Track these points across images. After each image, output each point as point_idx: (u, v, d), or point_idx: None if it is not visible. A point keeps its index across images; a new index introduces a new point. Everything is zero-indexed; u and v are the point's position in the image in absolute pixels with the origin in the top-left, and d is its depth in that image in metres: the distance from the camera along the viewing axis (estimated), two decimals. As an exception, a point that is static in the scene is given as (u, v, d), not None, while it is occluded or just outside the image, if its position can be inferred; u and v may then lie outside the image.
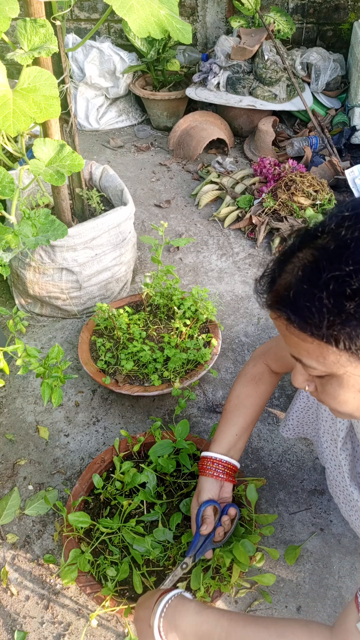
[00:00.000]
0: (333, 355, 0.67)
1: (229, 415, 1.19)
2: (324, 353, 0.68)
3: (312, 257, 0.67)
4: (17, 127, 1.28)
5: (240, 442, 1.18)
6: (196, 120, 3.11)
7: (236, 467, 1.18)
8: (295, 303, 0.67)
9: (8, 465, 1.57)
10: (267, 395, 1.21)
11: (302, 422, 1.30)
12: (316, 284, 0.65)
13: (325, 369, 0.70)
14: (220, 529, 1.13)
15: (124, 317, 1.78)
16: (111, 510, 1.32)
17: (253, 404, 1.19)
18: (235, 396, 1.21)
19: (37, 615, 1.26)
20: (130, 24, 1.26)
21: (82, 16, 3.56)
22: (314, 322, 0.65)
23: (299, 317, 0.67)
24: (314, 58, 3.07)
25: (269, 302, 0.73)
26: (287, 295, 0.68)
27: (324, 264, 0.65)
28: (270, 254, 2.31)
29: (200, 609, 0.86)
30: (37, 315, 2.05)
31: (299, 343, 0.70)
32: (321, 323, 0.65)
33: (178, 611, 0.86)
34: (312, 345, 0.68)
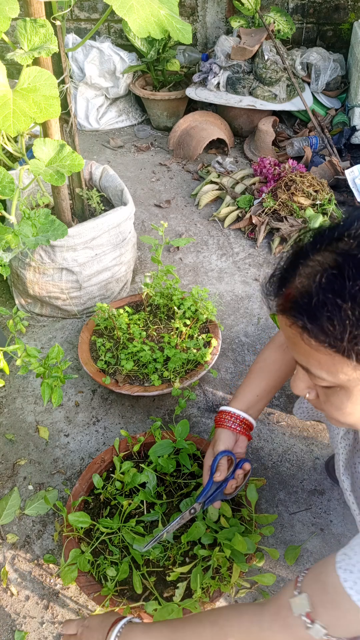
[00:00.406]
0: (348, 368, 0.65)
1: (253, 376, 1.18)
2: (337, 365, 0.65)
3: (334, 263, 0.63)
4: (17, 127, 1.28)
5: (260, 404, 1.17)
6: (196, 120, 3.11)
7: (252, 425, 1.17)
8: (314, 312, 0.63)
9: (8, 465, 1.57)
10: (293, 363, 1.19)
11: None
12: (340, 294, 0.61)
13: (335, 380, 0.68)
14: (232, 482, 1.13)
15: (124, 317, 1.78)
16: (111, 510, 1.32)
17: (278, 370, 1.18)
18: (263, 359, 1.19)
19: (37, 615, 1.26)
20: (130, 24, 1.26)
21: (82, 16, 3.56)
22: (334, 334, 0.62)
23: (317, 328, 0.63)
24: (314, 58, 3.07)
25: (281, 307, 0.69)
26: (306, 303, 0.64)
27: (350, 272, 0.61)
28: (270, 254, 2.31)
29: (146, 629, 0.89)
30: (37, 315, 2.05)
31: (311, 352, 0.67)
32: (342, 336, 0.61)
33: (128, 637, 0.89)
34: (325, 356, 0.65)
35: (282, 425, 1.63)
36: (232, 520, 1.23)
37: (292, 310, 0.66)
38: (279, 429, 1.62)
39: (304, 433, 1.60)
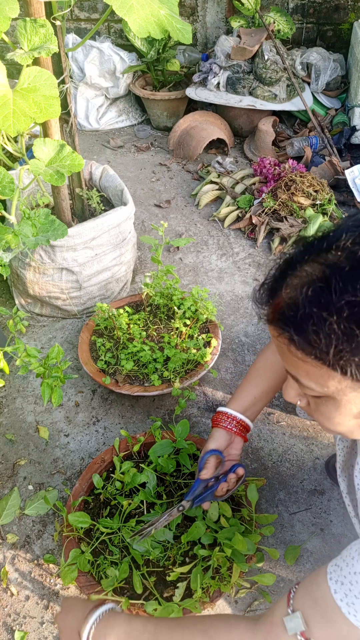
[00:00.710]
0: (335, 380, 0.64)
1: (253, 377, 1.18)
2: (325, 377, 0.65)
3: (321, 274, 0.62)
4: (17, 127, 1.28)
5: (257, 405, 1.17)
6: (196, 120, 3.11)
7: (249, 427, 1.17)
8: (300, 325, 0.63)
9: (8, 465, 1.57)
10: None
11: None
12: (327, 308, 0.60)
13: (324, 391, 0.68)
14: (224, 485, 1.13)
15: (124, 317, 1.78)
16: (111, 510, 1.32)
17: (277, 372, 1.18)
18: (262, 361, 1.19)
19: (37, 615, 1.26)
20: (130, 24, 1.26)
21: (82, 16, 3.56)
22: (320, 348, 0.62)
23: (303, 340, 0.63)
24: (314, 58, 3.07)
25: (270, 318, 0.69)
26: (293, 315, 0.64)
27: (337, 285, 0.60)
28: (270, 254, 2.31)
29: (128, 619, 0.88)
30: (37, 315, 2.05)
31: (299, 363, 0.67)
32: (328, 349, 0.61)
33: (109, 624, 0.88)
34: (313, 367, 0.65)
35: (282, 425, 1.63)
36: (232, 520, 1.23)
37: (279, 322, 0.66)
38: (279, 429, 1.62)
39: (304, 433, 1.60)
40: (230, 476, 1.14)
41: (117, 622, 0.87)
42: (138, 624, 0.86)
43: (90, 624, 0.88)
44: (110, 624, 0.87)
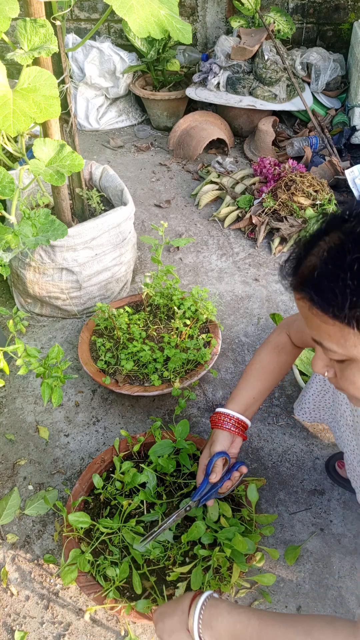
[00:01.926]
0: (354, 338, 0.68)
1: (249, 378, 1.21)
2: (345, 336, 0.68)
3: (338, 241, 0.68)
4: (17, 127, 1.28)
5: (255, 405, 1.20)
6: (196, 120, 3.11)
7: (248, 425, 1.20)
8: (318, 284, 0.68)
9: (8, 465, 1.57)
10: (287, 365, 1.23)
11: (319, 406, 1.31)
12: (340, 266, 0.65)
13: (346, 352, 0.71)
14: (228, 483, 1.14)
15: (124, 317, 1.77)
16: (111, 511, 1.32)
17: (273, 371, 1.21)
18: (258, 361, 1.22)
19: (37, 615, 1.26)
20: (130, 24, 1.26)
21: (82, 16, 3.56)
22: (336, 303, 0.66)
23: (321, 298, 0.67)
24: (314, 58, 3.07)
25: (293, 284, 0.74)
26: (311, 276, 0.69)
27: (349, 246, 0.65)
28: (270, 254, 2.31)
29: (231, 609, 0.88)
30: (37, 315, 2.05)
31: (321, 325, 0.71)
32: (343, 304, 0.65)
33: (213, 613, 0.88)
34: (333, 327, 0.69)
35: (282, 425, 1.63)
36: (232, 520, 1.23)
37: (301, 285, 0.71)
38: (279, 429, 1.62)
39: (304, 433, 1.60)
40: (234, 474, 1.15)
41: (221, 612, 0.88)
42: (242, 616, 0.86)
43: (196, 618, 0.88)
44: (214, 614, 0.88)
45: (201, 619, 0.89)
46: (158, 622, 0.96)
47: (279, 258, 2.30)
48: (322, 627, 0.80)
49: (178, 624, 0.92)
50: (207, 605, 0.90)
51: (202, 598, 0.91)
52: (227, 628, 0.86)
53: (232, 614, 0.87)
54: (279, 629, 0.83)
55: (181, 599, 0.96)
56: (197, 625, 0.88)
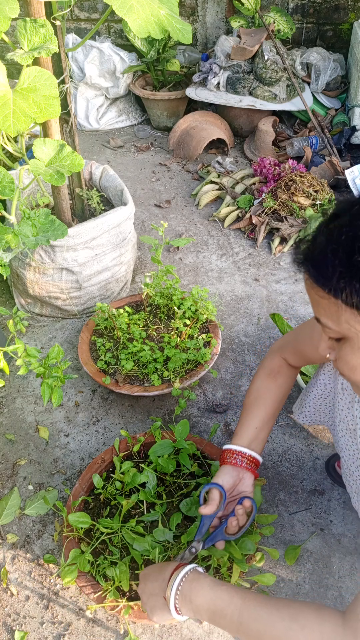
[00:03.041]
0: (345, 314, 0.70)
1: (249, 409, 1.19)
2: (337, 311, 0.71)
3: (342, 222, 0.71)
4: (17, 127, 1.28)
5: (261, 435, 1.16)
6: (196, 120, 3.11)
7: (258, 461, 1.15)
8: (314, 257, 0.71)
9: (8, 465, 1.57)
10: (286, 388, 1.21)
11: (319, 409, 1.30)
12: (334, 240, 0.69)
13: (339, 329, 0.73)
14: (233, 520, 1.07)
15: (124, 317, 1.78)
16: (111, 511, 1.32)
17: (272, 397, 1.19)
18: (255, 390, 1.21)
19: (37, 615, 1.26)
20: (130, 24, 1.26)
21: (82, 16, 3.56)
22: (327, 275, 0.69)
23: (316, 271, 0.71)
24: (314, 58, 3.07)
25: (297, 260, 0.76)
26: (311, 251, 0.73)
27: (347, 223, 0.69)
28: (270, 254, 2.31)
29: (214, 585, 0.87)
30: (37, 315, 2.05)
31: (318, 300, 0.74)
32: (333, 275, 0.68)
33: (193, 586, 0.87)
34: (328, 302, 0.72)
35: (282, 425, 1.63)
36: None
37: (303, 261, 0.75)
38: (279, 429, 1.62)
39: (304, 433, 1.60)
40: (237, 509, 1.08)
41: (203, 587, 0.87)
42: (224, 593, 0.85)
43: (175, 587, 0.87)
44: (195, 588, 0.87)
45: (179, 591, 0.88)
46: (141, 581, 0.97)
47: (279, 258, 2.30)
48: (308, 614, 0.78)
49: (158, 589, 0.92)
50: (189, 578, 0.89)
51: (185, 570, 0.90)
52: (207, 603, 0.85)
53: (214, 590, 0.86)
54: (263, 610, 0.81)
55: (166, 565, 0.95)
56: (174, 596, 0.88)
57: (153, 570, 0.97)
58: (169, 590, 0.89)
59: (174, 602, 0.88)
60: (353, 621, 0.75)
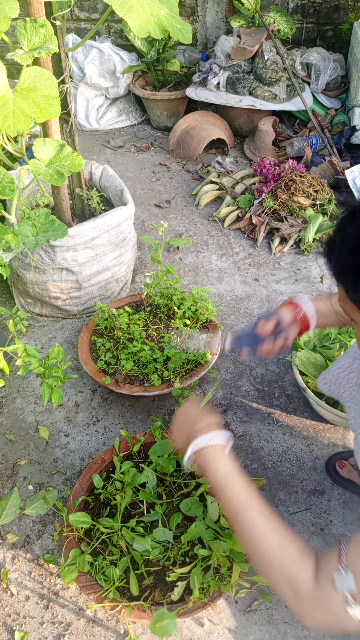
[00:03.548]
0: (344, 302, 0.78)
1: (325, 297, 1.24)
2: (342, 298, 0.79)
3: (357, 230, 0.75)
4: (17, 127, 1.28)
5: (329, 319, 1.20)
6: (196, 120, 3.11)
7: (309, 325, 1.19)
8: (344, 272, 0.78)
9: (8, 465, 1.57)
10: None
11: (341, 381, 1.31)
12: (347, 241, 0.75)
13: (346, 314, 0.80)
14: (268, 346, 1.14)
15: (124, 317, 1.78)
16: (111, 510, 1.32)
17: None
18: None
19: (37, 615, 1.26)
20: (130, 24, 1.26)
21: (82, 16, 3.56)
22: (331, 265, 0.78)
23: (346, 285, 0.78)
24: (314, 58, 3.07)
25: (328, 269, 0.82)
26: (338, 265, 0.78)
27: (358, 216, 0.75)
28: (270, 254, 2.31)
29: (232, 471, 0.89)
30: (37, 315, 2.05)
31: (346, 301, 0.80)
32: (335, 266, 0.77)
33: (214, 458, 0.90)
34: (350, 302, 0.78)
35: (282, 425, 1.63)
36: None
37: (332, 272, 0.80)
38: (279, 429, 1.62)
39: (304, 433, 1.60)
40: (278, 341, 1.13)
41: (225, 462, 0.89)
42: (235, 483, 0.87)
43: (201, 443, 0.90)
44: (216, 458, 0.90)
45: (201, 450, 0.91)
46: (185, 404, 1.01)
47: (279, 258, 2.30)
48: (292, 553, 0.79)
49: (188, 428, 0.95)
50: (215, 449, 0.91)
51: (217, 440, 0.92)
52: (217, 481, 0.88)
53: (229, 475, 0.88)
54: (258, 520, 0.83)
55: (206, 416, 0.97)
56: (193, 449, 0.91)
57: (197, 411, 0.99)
58: (192, 444, 0.92)
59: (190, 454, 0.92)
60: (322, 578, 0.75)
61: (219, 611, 1.25)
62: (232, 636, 1.21)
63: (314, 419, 1.63)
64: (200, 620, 1.24)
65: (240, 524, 0.85)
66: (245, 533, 0.84)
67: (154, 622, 1.05)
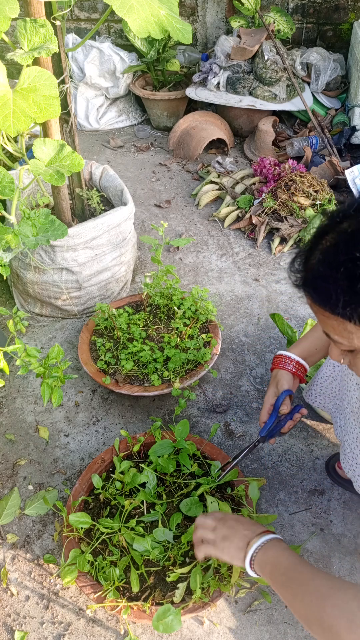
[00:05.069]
0: (356, 331, 0.72)
1: (316, 330, 1.24)
2: (346, 329, 0.73)
3: (334, 241, 0.72)
4: (17, 127, 1.28)
5: (317, 356, 1.22)
6: (196, 120, 3.11)
7: (306, 369, 1.22)
8: (315, 284, 0.73)
9: (8, 465, 1.57)
10: None
11: (325, 392, 1.33)
12: (333, 266, 0.70)
13: (350, 343, 0.76)
14: (290, 423, 1.18)
15: (124, 317, 1.78)
16: (111, 511, 1.32)
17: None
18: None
19: (37, 615, 1.26)
20: (130, 24, 1.26)
21: (82, 16, 3.56)
22: (332, 301, 0.71)
23: (319, 297, 0.73)
24: (314, 58, 3.07)
25: (297, 283, 0.79)
26: (309, 277, 0.75)
27: (341, 247, 0.70)
28: (270, 254, 2.31)
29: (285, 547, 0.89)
30: (37, 315, 2.05)
31: (325, 320, 0.76)
32: (337, 302, 0.70)
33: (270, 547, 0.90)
34: (335, 322, 0.74)
35: (282, 425, 1.63)
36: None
37: (303, 285, 0.77)
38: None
39: (304, 433, 1.60)
40: (296, 415, 1.18)
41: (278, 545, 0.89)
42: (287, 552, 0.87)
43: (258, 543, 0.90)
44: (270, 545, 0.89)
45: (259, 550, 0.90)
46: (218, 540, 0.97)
47: (279, 258, 2.30)
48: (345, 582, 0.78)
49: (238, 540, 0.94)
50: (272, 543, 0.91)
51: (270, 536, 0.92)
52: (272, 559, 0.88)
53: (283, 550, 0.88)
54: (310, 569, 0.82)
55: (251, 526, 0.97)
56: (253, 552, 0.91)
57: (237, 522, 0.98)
58: (249, 547, 0.91)
59: (251, 558, 0.91)
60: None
61: (219, 611, 1.25)
62: (232, 636, 1.21)
63: (313, 419, 1.63)
64: (200, 620, 1.24)
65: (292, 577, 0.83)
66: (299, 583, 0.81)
67: (157, 619, 1.05)
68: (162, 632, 1.03)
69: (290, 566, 0.85)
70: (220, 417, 1.67)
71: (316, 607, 0.77)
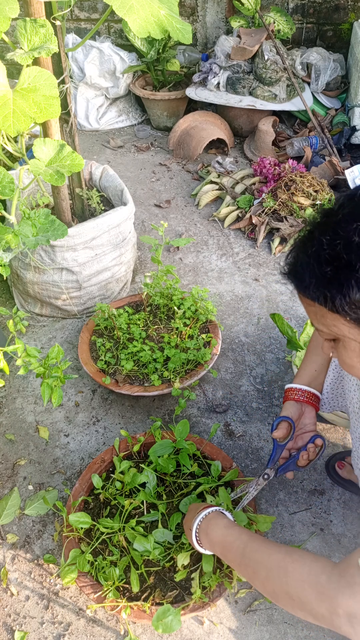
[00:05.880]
0: (330, 318, 0.76)
1: (309, 354, 1.27)
2: (324, 315, 0.77)
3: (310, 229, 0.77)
4: (17, 127, 1.28)
5: (320, 377, 1.25)
6: (196, 120, 3.11)
7: (318, 396, 1.24)
8: (294, 269, 0.79)
9: (8, 465, 1.57)
10: None
11: (335, 395, 1.33)
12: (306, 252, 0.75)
13: (329, 330, 0.79)
14: (304, 454, 1.17)
15: (124, 317, 1.78)
16: (111, 511, 1.32)
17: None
18: (315, 336, 1.28)
19: (37, 615, 1.26)
20: (130, 24, 1.26)
21: (82, 16, 3.56)
22: (305, 285, 0.75)
23: (297, 282, 0.78)
24: (314, 58, 3.07)
25: (282, 271, 0.83)
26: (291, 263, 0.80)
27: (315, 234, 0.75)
28: (270, 254, 2.31)
29: (229, 525, 1.01)
30: (37, 315, 2.05)
31: (307, 307, 0.80)
32: (310, 285, 0.74)
33: (211, 524, 1.03)
34: (314, 308, 0.77)
35: (282, 425, 1.63)
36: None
37: (288, 273, 0.81)
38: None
39: (304, 433, 1.60)
40: (309, 446, 1.17)
41: (218, 525, 1.02)
42: (235, 530, 0.99)
43: (196, 522, 1.04)
44: (212, 525, 1.02)
45: (199, 526, 1.04)
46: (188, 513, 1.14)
47: (279, 258, 2.30)
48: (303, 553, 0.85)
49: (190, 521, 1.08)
50: (209, 517, 1.04)
51: (208, 510, 1.05)
52: (218, 539, 1.00)
53: (227, 529, 1.00)
54: (264, 545, 0.91)
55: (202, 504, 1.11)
56: (195, 529, 1.04)
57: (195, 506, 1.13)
58: (192, 523, 1.05)
59: (195, 534, 1.04)
60: (344, 565, 0.78)
61: (219, 611, 1.25)
62: (232, 636, 1.21)
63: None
64: (200, 620, 1.24)
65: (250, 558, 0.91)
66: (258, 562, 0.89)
67: (157, 619, 1.05)
68: (162, 632, 1.04)
69: (243, 545, 0.94)
70: (220, 417, 1.67)
71: (281, 581, 0.84)
